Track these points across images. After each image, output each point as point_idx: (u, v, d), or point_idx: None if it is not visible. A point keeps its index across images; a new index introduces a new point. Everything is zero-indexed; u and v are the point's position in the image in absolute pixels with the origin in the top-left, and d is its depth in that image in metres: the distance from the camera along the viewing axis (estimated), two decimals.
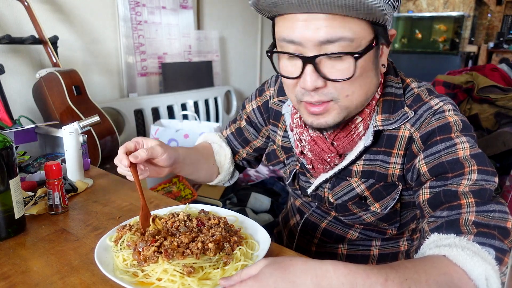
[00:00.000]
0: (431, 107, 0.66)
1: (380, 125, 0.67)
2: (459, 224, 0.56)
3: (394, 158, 0.70)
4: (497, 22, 6.89)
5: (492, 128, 2.09)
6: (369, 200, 0.75)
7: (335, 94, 0.60)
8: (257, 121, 0.91)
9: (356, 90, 0.61)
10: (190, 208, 0.77)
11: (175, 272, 0.55)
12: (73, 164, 0.96)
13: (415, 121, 0.67)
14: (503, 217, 0.56)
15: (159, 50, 3.53)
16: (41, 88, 2.33)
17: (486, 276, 0.50)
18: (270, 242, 0.64)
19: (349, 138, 0.70)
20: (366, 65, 0.59)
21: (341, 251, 0.85)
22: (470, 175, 0.59)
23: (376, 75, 0.63)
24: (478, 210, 0.56)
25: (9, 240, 0.70)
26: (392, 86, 0.69)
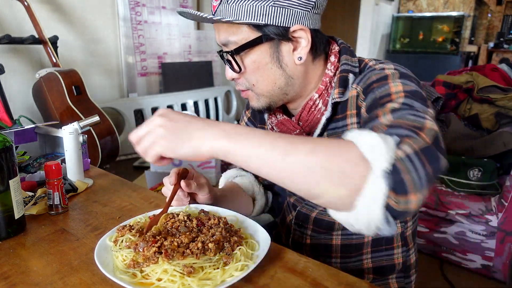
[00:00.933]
0: (374, 68, 0.73)
1: (337, 97, 0.74)
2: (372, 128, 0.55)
3: (349, 118, 0.75)
4: (497, 22, 6.89)
5: (492, 128, 2.09)
6: None
7: (247, 84, 0.75)
8: None
9: (259, 80, 0.73)
10: (190, 208, 0.77)
11: (175, 272, 0.55)
12: (73, 164, 0.96)
13: (359, 80, 0.73)
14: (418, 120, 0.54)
15: (159, 50, 3.53)
16: (41, 88, 2.33)
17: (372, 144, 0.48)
18: (270, 242, 0.64)
19: (312, 115, 0.78)
20: (259, 59, 0.71)
21: (335, 241, 0.85)
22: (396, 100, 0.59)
23: (280, 68, 0.72)
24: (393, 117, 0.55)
25: (9, 240, 0.70)
26: (347, 64, 0.76)
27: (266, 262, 0.63)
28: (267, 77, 0.72)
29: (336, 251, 0.86)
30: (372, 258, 0.86)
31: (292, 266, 0.63)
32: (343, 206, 0.50)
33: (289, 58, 0.72)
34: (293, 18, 0.68)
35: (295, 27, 0.69)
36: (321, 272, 0.61)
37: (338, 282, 0.59)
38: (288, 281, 0.59)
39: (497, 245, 1.66)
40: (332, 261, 0.87)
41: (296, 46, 0.71)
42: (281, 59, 0.71)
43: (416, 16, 5.68)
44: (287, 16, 0.67)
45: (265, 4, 0.66)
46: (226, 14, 0.68)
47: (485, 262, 1.72)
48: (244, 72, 0.72)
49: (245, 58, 0.71)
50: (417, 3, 5.92)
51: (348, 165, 0.48)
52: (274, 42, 0.70)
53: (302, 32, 0.70)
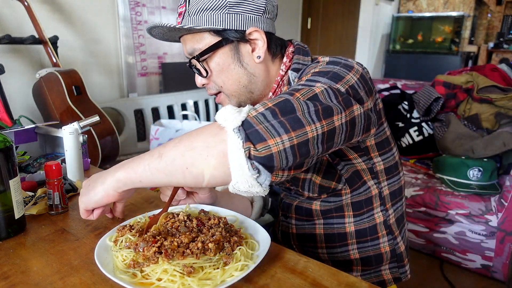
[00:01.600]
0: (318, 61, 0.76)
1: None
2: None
3: None
4: (497, 22, 6.90)
5: (492, 128, 2.09)
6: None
7: (216, 86, 0.82)
8: None
9: (225, 81, 0.80)
10: (190, 208, 0.78)
11: (175, 272, 0.55)
12: (73, 164, 0.96)
13: (300, 74, 0.78)
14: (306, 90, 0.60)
15: (159, 50, 3.53)
16: (41, 88, 2.33)
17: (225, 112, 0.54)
18: (270, 242, 0.64)
19: None
20: (222, 61, 0.78)
21: (318, 230, 0.87)
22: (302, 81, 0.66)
23: (242, 67, 0.79)
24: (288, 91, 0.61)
25: (9, 240, 0.70)
26: (299, 63, 0.81)
27: (266, 262, 0.63)
28: (232, 77, 0.80)
29: (320, 240, 0.87)
30: (358, 249, 0.86)
31: (292, 266, 0.63)
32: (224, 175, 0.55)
33: (249, 58, 0.80)
34: (247, 22, 0.77)
35: (250, 30, 0.77)
36: (321, 272, 0.61)
37: (338, 282, 0.59)
38: (288, 281, 0.59)
39: (497, 245, 1.66)
40: (319, 251, 0.88)
41: (254, 47, 0.79)
42: (241, 59, 0.79)
43: (416, 16, 5.68)
44: (242, 20, 0.76)
45: (221, 12, 0.75)
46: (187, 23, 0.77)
47: (485, 262, 1.72)
48: (211, 75, 0.80)
49: (210, 62, 0.79)
50: (417, 3, 5.92)
51: (209, 138, 0.55)
52: (234, 45, 0.78)
53: (258, 34, 0.78)
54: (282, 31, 4.97)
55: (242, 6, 0.76)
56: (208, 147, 0.54)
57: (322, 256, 0.89)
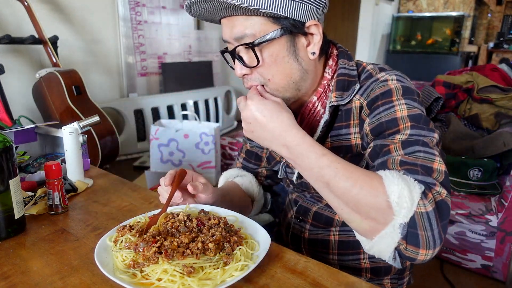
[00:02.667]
0: (377, 79, 0.75)
1: (335, 100, 0.75)
2: (387, 163, 0.63)
3: (353, 128, 0.77)
4: (497, 22, 6.90)
5: (492, 128, 2.09)
6: None
7: (261, 79, 0.73)
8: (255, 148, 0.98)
9: (275, 74, 0.72)
10: (190, 208, 0.77)
11: (175, 272, 0.55)
12: (73, 164, 0.96)
13: (363, 91, 0.75)
14: (428, 157, 0.61)
15: (159, 50, 3.53)
16: (41, 88, 2.33)
17: (400, 195, 0.55)
18: (270, 242, 0.64)
19: (311, 118, 0.79)
20: (276, 52, 0.70)
21: (332, 237, 0.86)
22: (404, 131, 0.66)
23: (297, 62, 0.73)
24: (405, 153, 0.63)
25: (9, 240, 0.70)
26: (345, 68, 0.77)
27: (266, 262, 0.63)
28: (283, 71, 0.72)
29: (333, 247, 0.86)
30: (369, 259, 0.86)
31: (292, 266, 0.63)
32: (364, 235, 0.61)
33: (304, 53, 0.73)
34: (308, 14, 0.70)
35: (310, 22, 0.71)
36: (321, 272, 0.61)
37: (338, 282, 0.59)
38: (288, 281, 0.59)
39: (497, 245, 1.66)
40: (330, 257, 0.87)
41: (310, 41, 0.73)
42: (297, 53, 0.72)
43: (416, 16, 5.68)
44: (304, 11, 0.69)
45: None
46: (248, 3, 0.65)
47: (485, 262, 1.72)
48: (261, 66, 0.71)
49: (263, 52, 0.70)
50: (417, 3, 5.92)
51: (375, 209, 0.57)
52: (291, 36, 0.71)
53: (316, 28, 0.72)
54: None
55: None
56: (370, 217, 0.58)
57: (332, 262, 0.88)
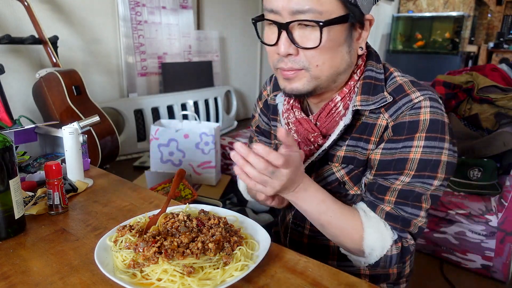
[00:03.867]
0: (410, 100, 0.69)
1: (359, 105, 0.71)
2: (376, 209, 0.72)
3: (372, 145, 0.74)
4: (497, 22, 6.90)
5: (492, 128, 2.09)
6: (348, 185, 0.79)
7: (306, 63, 0.66)
8: (264, 125, 0.94)
9: (326, 61, 0.66)
10: (190, 208, 0.77)
11: (175, 272, 0.55)
12: (73, 164, 0.96)
13: (393, 111, 0.70)
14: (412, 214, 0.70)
15: (159, 50, 3.53)
16: (41, 88, 2.33)
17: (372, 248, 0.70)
18: (270, 242, 0.64)
19: (330, 117, 0.75)
20: (336, 38, 0.65)
21: (332, 243, 0.85)
22: (405, 177, 0.69)
23: (348, 53, 0.68)
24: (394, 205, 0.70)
25: (9, 240, 0.70)
26: (372, 70, 0.73)
27: (266, 262, 0.63)
28: (335, 59, 0.67)
29: (333, 252, 0.86)
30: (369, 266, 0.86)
31: (292, 266, 0.63)
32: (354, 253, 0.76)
33: (355, 46, 0.70)
34: (369, 7, 0.67)
35: (369, 16, 0.68)
36: (321, 272, 0.61)
37: (338, 282, 0.59)
38: (288, 281, 0.59)
39: (497, 245, 1.66)
40: (329, 262, 0.87)
41: (360, 35, 0.69)
42: (351, 44, 0.68)
43: (416, 16, 5.68)
44: (368, 2, 0.66)
45: None
46: None
47: (485, 262, 1.71)
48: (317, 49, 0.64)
49: (324, 34, 0.63)
50: (417, 3, 5.92)
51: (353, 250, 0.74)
52: (351, 25, 0.66)
53: (369, 22, 0.68)
54: None
55: None
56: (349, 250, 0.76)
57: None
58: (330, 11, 0.62)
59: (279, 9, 0.63)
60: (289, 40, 0.64)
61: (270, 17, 0.65)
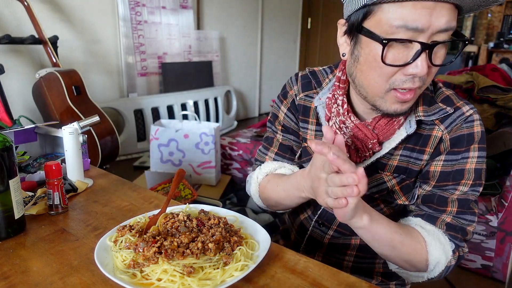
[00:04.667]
0: (463, 113, 0.73)
1: (422, 115, 0.72)
2: (436, 221, 0.72)
3: (426, 155, 0.75)
4: (497, 22, 6.89)
5: (492, 128, 2.09)
6: (397, 194, 0.79)
7: (426, 80, 0.65)
8: (292, 124, 0.90)
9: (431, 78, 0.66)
10: (190, 208, 0.77)
11: (175, 272, 0.55)
12: (73, 164, 0.96)
13: (449, 124, 0.73)
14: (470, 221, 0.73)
15: (159, 50, 3.53)
16: (41, 88, 2.33)
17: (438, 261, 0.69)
18: (270, 242, 0.64)
19: (390, 125, 0.74)
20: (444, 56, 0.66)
21: (353, 241, 0.86)
22: (463, 187, 0.72)
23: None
24: (455, 215, 0.72)
25: (9, 240, 0.70)
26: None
27: (266, 262, 0.63)
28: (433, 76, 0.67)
29: (353, 249, 0.86)
30: (383, 264, 0.86)
31: (292, 266, 0.63)
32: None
33: None
34: None
35: None
36: (321, 272, 0.61)
37: (338, 282, 0.59)
38: (288, 281, 0.59)
39: (497, 245, 1.66)
40: (346, 259, 0.87)
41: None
42: None
43: None
44: None
45: None
46: None
47: (485, 262, 1.71)
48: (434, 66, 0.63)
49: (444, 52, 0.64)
50: None
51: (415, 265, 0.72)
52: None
53: None
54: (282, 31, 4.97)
55: None
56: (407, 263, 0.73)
57: (345, 264, 0.88)
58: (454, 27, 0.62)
59: (425, 27, 0.58)
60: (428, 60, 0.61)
61: (407, 35, 0.59)
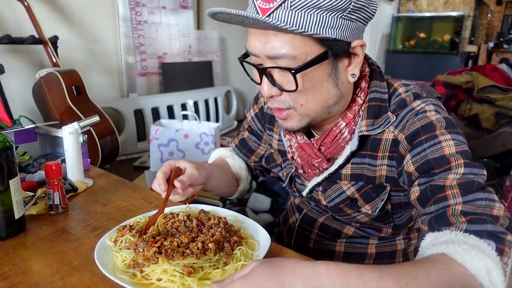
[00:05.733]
0: (412, 108, 0.68)
1: (365, 130, 0.69)
2: (447, 215, 0.57)
3: (380, 160, 0.72)
4: (497, 22, 6.89)
5: (492, 128, 2.09)
6: (360, 202, 0.76)
7: (291, 103, 0.65)
8: (257, 128, 0.94)
9: (310, 100, 0.65)
10: (190, 208, 0.77)
11: (175, 272, 0.55)
12: (73, 164, 0.96)
13: (398, 123, 0.69)
14: (489, 204, 0.57)
15: (159, 50, 3.53)
16: (41, 88, 2.33)
17: (487, 269, 0.50)
18: (270, 242, 0.64)
19: (335, 143, 0.73)
20: (316, 76, 0.62)
21: (338, 248, 0.85)
22: (457, 169, 0.61)
23: (335, 86, 0.65)
24: (465, 200, 0.57)
25: (9, 240, 0.70)
26: (377, 91, 0.71)
27: None
28: (320, 96, 0.65)
29: (338, 258, 0.86)
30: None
31: None
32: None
33: (344, 76, 0.66)
34: (356, 32, 0.62)
35: (357, 43, 0.63)
36: None
37: None
38: None
39: None
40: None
41: (351, 62, 0.65)
42: (338, 76, 0.65)
43: (416, 16, 5.68)
44: (353, 29, 0.61)
45: (337, 15, 0.58)
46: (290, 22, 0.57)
47: None
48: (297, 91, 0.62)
49: (303, 76, 0.61)
50: (417, 3, 5.92)
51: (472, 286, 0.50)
52: (335, 58, 0.63)
53: (360, 49, 0.64)
54: None
55: (361, 12, 0.61)
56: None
57: None
58: (306, 52, 0.59)
59: (257, 53, 0.62)
60: (270, 83, 0.63)
61: (252, 59, 0.65)
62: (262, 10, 0.59)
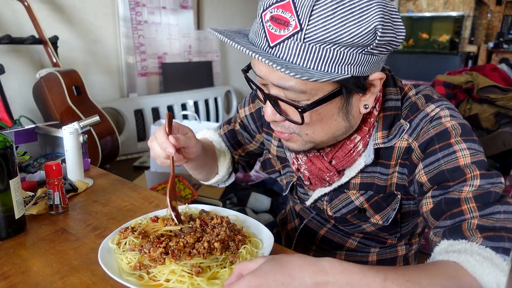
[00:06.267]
0: (427, 114, 0.64)
1: (381, 142, 0.66)
2: (462, 229, 0.54)
3: (392, 168, 0.69)
4: (497, 22, 6.89)
5: (492, 128, 2.09)
6: (369, 212, 0.73)
7: (295, 130, 0.61)
8: (250, 128, 0.89)
9: (316, 131, 0.61)
10: (190, 208, 0.77)
11: (184, 273, 0.55)
12: (73, 164, 0.95)
13: (412, 131, 0.65)
14: (508, 218, 0.54)
15: (159, 50, 3.52)
16: (41, 88, 2.33)
17: (498, 284, 0.48)
18: (273, 240, 0.64)
19: (349, 157, 0.69)
20: (327, 112, 0.59)
21: (338, 257, 0.83)
22: (472, 181, 0.57)
23: (345, 119, 0.61)
24: (482, 214, 0.54)
25: (9, 240, 0.70)
26: (391, 99, 0.67)
27: None
28: (328, 128, 0.61)
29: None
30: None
31: None
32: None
33: (356, 108, 0.61)
34: (376, 65, 0.57)
35: (375, 76, 0.58)
36: None
37: None
38: None
39: None
40: None
41: (366, 93, 0.60)
42: (349, 110, 0.60)
43: (416, 16, 5.68)
44: (371, 63, 0.55)
45: (356, 51, 0.52)
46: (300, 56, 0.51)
47: None
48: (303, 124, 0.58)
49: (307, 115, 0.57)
50: (417, 3, 5.92)
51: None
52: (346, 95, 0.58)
53: (379, 81, 0.59)
54: None
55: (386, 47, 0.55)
56: None
57: None
58: (317, 88, 0.54)
59: (262, 76, 0.57)
60: (274, 110, 0.59)
61: (257, 78, 0.60)
62: (271, 36, 0.53)
